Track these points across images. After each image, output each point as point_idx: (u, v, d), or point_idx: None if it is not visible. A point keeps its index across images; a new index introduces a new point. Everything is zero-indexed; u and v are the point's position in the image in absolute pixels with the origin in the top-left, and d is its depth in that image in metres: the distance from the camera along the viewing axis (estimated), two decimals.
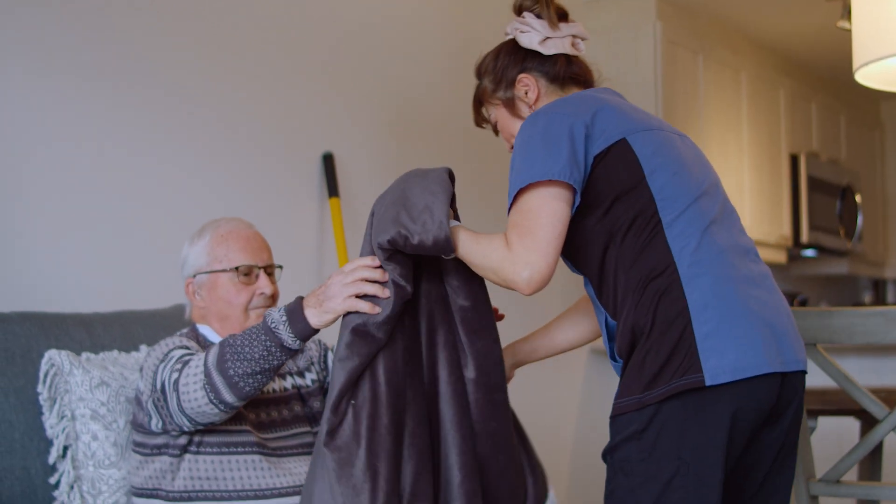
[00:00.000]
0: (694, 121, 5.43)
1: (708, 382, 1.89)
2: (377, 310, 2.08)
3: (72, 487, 2.47)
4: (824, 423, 3.27)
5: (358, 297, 2.10)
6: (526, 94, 2.22)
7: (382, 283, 2.10)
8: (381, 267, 2.10)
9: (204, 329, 2.53)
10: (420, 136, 4.27)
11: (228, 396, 2.19)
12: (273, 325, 2.15)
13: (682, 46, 5.37)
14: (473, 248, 2.06)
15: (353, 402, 2.06)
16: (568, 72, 2.23)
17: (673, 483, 1.91)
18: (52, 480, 2.47)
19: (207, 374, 2.19)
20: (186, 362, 2.26)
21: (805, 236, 6.32)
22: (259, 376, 2.17)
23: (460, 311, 2.21)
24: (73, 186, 3.06)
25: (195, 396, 2.21)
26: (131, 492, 2.45)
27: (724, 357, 1.90)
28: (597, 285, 2.07)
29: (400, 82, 4.16)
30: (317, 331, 2.15)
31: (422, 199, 2.08)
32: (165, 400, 2.28)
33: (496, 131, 2.32)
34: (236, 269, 2.47)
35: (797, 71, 6.57)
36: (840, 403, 2.92)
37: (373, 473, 2.03)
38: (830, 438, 4.59)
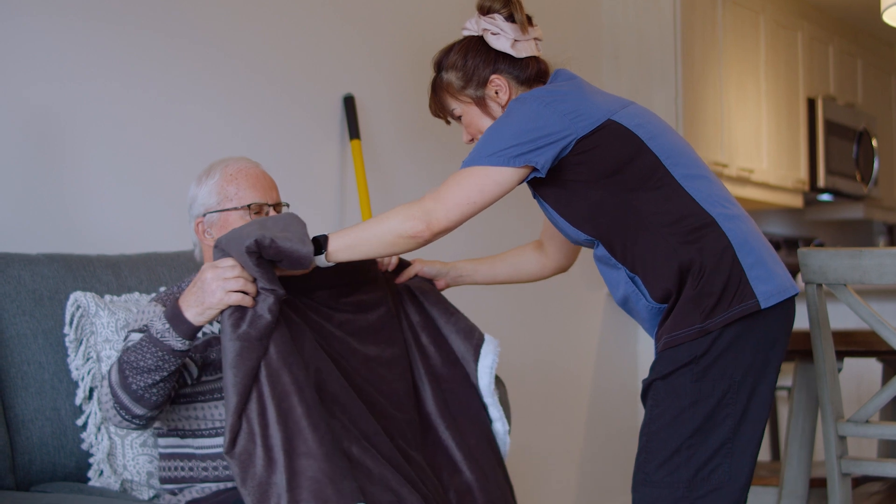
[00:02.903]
0: (712, 64, 5.39)
1: (763, 306, 2.11)
2: (253, 303, 2.15)
3: (98, 429, 2.48)
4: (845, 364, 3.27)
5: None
6: (497, 94, 2.31)
7: (256, 285, 2.17)
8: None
9: None
10: None
11: (138, 409, 2.22)
12: (160, 336, 2.17)
13: None
14: (363, 227, 2.18)
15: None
16: (536, 72, 2.33)
17: (724, 401, 2.09)
18: (80, 422, 2.49)
19: (114, 394, 2.22)
20: (105, 376, 2.30)
21: (822, 180, 6.30)
22: (161, 384, 2.20)
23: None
24: (98, 128, 3.05)
25: (111, 415, 2.26)
26: (154, 433, 2.47)
27: (768, 282, 2.13)
28: (610, 246, 2.20)
29: (422, 24, 4.13)
30: (201, 328, 2.19)
31: (278, 224, 2.18)
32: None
33: (448, 121, 2.42)
34: (248, 206, 2.46)
35: (815, 14, 6.51)
36: (865, 345, 2.93)
37: (272, 467, 2.09)
38: (850, 380, 4.62)
